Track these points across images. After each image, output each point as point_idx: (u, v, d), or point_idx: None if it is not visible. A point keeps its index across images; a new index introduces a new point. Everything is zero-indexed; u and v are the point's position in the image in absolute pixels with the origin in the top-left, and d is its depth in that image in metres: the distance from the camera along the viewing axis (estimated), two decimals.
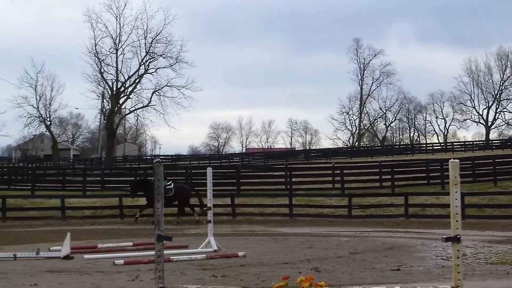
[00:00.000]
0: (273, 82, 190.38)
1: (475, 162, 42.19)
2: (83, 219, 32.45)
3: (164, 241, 8.83)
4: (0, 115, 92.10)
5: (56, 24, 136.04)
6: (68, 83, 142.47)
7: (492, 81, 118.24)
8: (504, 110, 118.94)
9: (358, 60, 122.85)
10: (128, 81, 77.03)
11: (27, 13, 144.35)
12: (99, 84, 77.96)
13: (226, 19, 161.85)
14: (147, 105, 76.82)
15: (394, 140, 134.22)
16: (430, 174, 40.40)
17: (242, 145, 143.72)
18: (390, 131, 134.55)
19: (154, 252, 8.99)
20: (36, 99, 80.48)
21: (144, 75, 76.76)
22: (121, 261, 16.46)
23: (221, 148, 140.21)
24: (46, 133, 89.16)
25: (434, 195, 34.51)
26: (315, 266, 15.14)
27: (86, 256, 17.89)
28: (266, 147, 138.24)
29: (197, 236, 22.64)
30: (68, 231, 19.69)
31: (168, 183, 30.55)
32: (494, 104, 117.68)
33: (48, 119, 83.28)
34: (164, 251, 8.97)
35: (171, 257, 16.34)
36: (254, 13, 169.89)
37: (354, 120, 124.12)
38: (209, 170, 19.63)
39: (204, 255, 17.61)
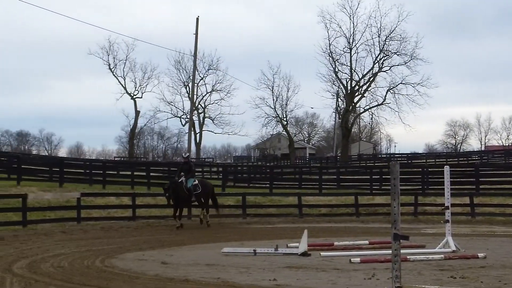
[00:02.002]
0: None
1: None
2: (319, 217, 32.81)
3: (400, 240, 8.79)
4: (239, 116, 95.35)
5: (290, 27, 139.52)
6: (303, 83, 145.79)
7: None
8: None
9: None
10: (362, 80, 77.13)
11: (262, 18, 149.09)
12: (333, 84, 78.93)
13: (462, 13, 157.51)
14: (381, 103, 76.59)
15: None
16: None
17: (481, 142, 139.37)
18: None
19: (390, 251, 8.96)
20: (273, 99, 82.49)
21: (378, 73, 76.46)
22: (357, 259, 16.55)
23: (458, 146, 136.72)
24: (283, 132, 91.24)
25: None
26: None
27: (322, 253, 18.15)
28: (507, 144, 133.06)
29: (434, 236, 22.27)
30: (305, 228, 20.11)
31: (194, 180, 28.47)
32: None
33: (285, 119, 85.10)
34: (401, 250, 8.92)
35: (408, 257, 16.21)
36: (492, 6, 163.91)
37: None
38: (447, 169, 19.26)
39: (442, 256, 17.30)
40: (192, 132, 74.01)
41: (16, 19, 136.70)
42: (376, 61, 75.87)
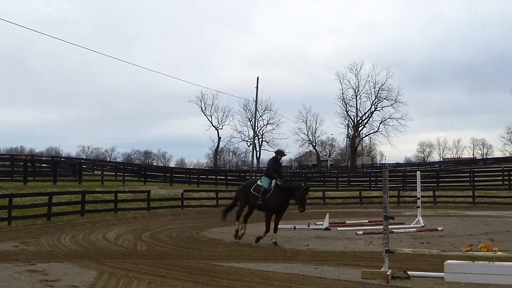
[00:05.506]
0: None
1: None
2: (336, 205, 32.71)
3: (388, 220, 8.74)
4: (285, 139, 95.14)
5: (318, 82, 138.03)
6: (326, 118, 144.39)
7: None
8: None
9: None
10: (364, 116, 76.76)
11: (300, 76, 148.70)
12: (345, 119, 78.31)
13: (429, 70, 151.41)
14: (376, 131, 75.79)
15: None
16: None
17: (440, 156, 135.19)
18: None
19: (382, 226, 8.91)
20: (306, 129, 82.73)
21: (374, 112, 75.92)
22: (361, 232, 16.49)
23: (426, 158, 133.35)
24: (313, 150, 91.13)
25: None
26: (490, 237, 14.35)
27: (338, 228, 18.12)
28: (457, 157, 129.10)
29: (410, 216, 21.97)
30: (327, 212, 20.08)
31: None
32: None
33: (314, 142, 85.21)
34: (389, 226, 8.86)
35: (393, 230, 16.08)
36: (446, 67, 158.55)
37: None
38: (418, 173, 19.36)
39: (415, 229, 17.15)
40: (254, 151, 74.46)
41: (148, 82, 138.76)
42: (372, 104, 75.21)
